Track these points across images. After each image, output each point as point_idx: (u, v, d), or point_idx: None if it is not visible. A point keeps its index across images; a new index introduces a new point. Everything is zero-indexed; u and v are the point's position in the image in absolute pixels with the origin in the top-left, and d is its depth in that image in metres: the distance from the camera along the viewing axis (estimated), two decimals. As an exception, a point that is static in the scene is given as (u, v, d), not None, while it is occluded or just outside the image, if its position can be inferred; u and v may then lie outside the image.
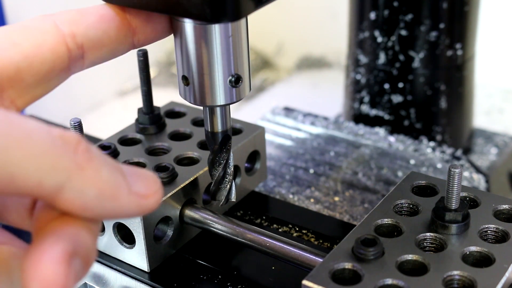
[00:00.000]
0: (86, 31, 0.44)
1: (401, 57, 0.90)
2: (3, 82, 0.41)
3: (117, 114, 1.54)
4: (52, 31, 0.43)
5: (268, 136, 0.94)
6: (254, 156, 0.72)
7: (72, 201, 0.36)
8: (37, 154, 0.34)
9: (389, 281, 0.48)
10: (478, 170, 0.88)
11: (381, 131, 0.93)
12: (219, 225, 0.62)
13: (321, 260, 0.54)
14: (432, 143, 0.91)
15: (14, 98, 0.42)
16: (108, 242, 0.62)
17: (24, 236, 0.44)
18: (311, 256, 0.56)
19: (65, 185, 0.35)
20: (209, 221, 0.62)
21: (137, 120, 0.72)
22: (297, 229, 0.67)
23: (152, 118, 0.71)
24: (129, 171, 0.39)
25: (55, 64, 0.43)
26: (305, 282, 0.49)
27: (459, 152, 0.90)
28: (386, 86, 0.92)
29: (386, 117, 0.94)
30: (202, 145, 0.69)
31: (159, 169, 0.63)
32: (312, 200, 0.79)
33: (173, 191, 0.61)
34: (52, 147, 0.35)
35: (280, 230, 0.68)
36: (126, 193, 0.38)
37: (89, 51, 0.45)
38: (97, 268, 0.63)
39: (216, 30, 0.52)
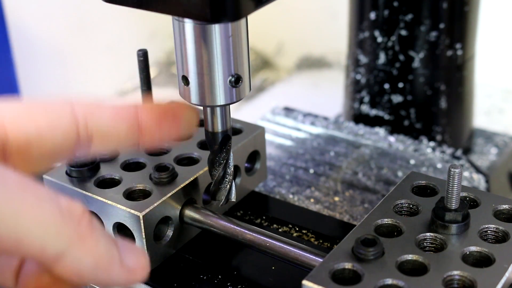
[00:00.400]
0: (98, 125, 0.47)
1: (401, 57, 0.90)
2: (12, 150, 0.43)
3: (117, 114, 1.53)
4: (68, 116, 0.45)
5: (268, 136, 0.93)
6: (254, 156, 0.72)
7: (69, 268, 0.39)
8: (45, 221, 0.37)
9: (389, 281, 0.48)
10: (478, 170, 0.88)
11: (381, 131, 0.93)
12: (219, 225, 0.62)
13: (321, 260, 0.54)
14: (432, 143, 0.91)
15: (17, 166, 0.44)
16: (108, 242, 0.62)
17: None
18: (311, 256, 0.56)
19: (65, 252, 0.38)
20: (209, 221, 0.62)
21: (137, 120, 0.72)
22: (297, 229, 0.67)
23: (152, 118, 0.71)
24: (122, 245, 0.42)
25: (63, 146, 0.45)
26: (305, 282, 0.49)
27: (459, 152, 0.90)
28: (386, 86, 0.92)
29: (386, 117, 0.94)
30: (202, 145, 0.69)
31: (159, 169, 0.63)
32: (312, 200, 0.79)
33: (173, 191, 0.61)
34: (59, 216, 0.38)
35: (280, 230, 0.68)
36: (118, 266, 0.41)
37: (96, 142, 0.47)
38: (97, 268, 0.63)
39: (216, 30, 0.52)
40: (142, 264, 0.42)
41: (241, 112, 1.38)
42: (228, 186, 0.61)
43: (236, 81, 0.54)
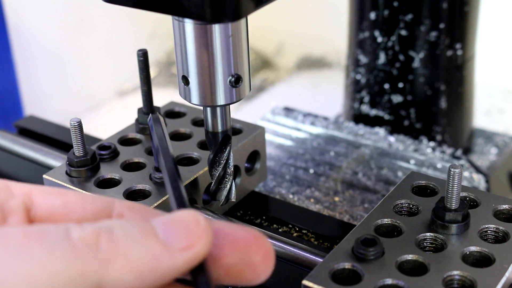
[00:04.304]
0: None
1: (401, 57, 0.90)
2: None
3: (117, 114, 1.54)
4: (106, 203, 0.41)
5: (268, 136, 0.93)
6: (254, 156, 0.72)
7: None
8: (61, 271, 0.33)
9: (389, 281, 0.48)
10: (478, 170, 0.88)
11: (381, 131, 0.93)
12: (219, 225, 0.62)
13: (321, 260, 0.54)
14: (432, 143, 0.91)
15: None
16: (108, 242, 0.62)
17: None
18: (311, 256, 0.56)
19: (101, 283, 0.34)
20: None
21: (137, 120, 0.72)
22: (297, 229, 0.67)
23: (152, 118, 0.71)
24: (163, 223, 0.36)
25: None
26: (305, 282, 0.49)
27: (459, 152, 0.90)
28: (386, 86, 0.92)
29: (386, 117, 0.94)
30: (202, 145, 0.69)
31: (159, 169, 0.63)
32: (312, 200, 0.79)
33: (173, 191, 0.61)
34: (74, 257, 0.34)
35: (280, 230, 0.68)
36: (166, 256, 0.35)
37: None
38: (97, 268, 0.63)
39: (216, 30, 0.52)
40: (198, 234, 0.36)
41: (241, 112, 1.38)
42: (228, 186, 0.61)
43: (236, 81, 0.54)
